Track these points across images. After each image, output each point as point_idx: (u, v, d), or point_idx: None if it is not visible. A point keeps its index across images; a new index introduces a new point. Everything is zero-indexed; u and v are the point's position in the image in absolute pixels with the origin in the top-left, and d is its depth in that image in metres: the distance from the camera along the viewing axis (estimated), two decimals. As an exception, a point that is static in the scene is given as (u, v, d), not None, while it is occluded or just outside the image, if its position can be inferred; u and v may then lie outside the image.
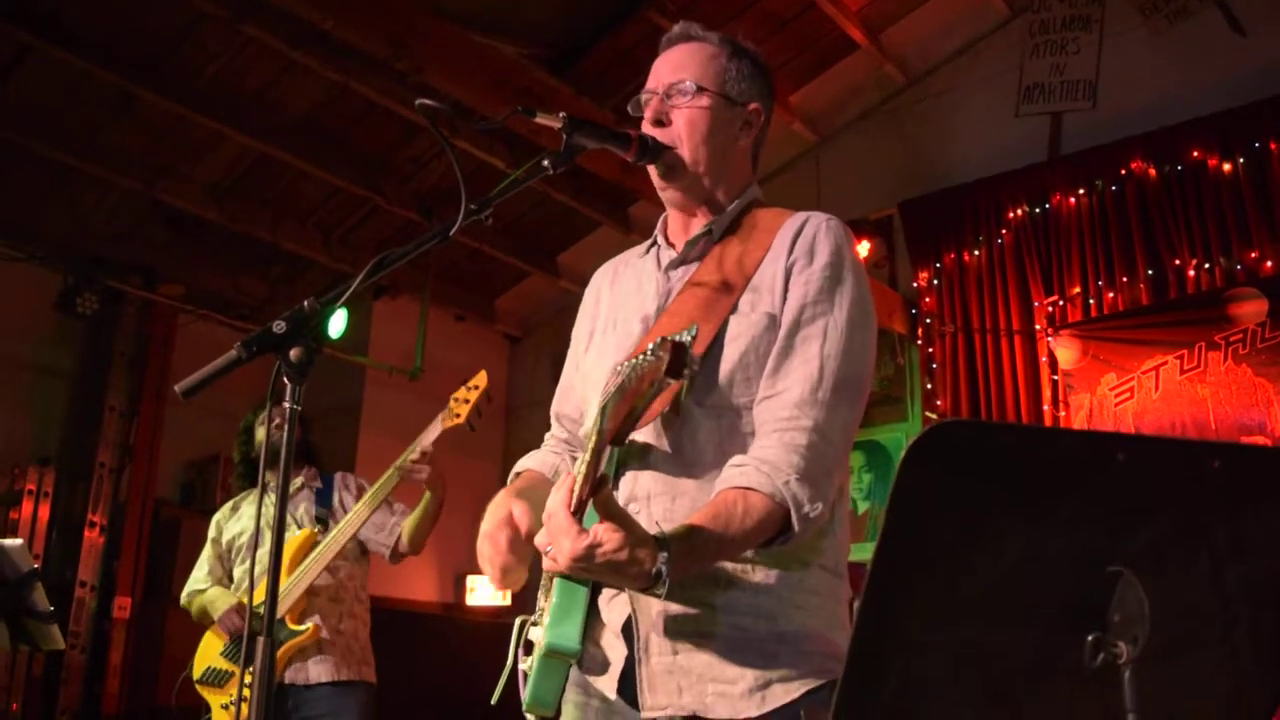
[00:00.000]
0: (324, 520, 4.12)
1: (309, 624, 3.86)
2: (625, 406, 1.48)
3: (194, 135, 6.33)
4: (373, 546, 4.14)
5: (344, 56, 5.68)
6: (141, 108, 6.09)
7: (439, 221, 7.37)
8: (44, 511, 6.53)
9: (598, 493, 1.48)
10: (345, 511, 4.14)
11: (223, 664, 4.07)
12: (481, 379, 4.01)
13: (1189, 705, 1.18)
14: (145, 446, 6.97)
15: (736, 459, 1.63)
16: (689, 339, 1.38)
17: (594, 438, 1.49)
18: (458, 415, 3.91)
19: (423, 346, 7.68)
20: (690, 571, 1.55)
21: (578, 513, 1.49)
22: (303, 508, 4.17)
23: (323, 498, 4.22)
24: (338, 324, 6.13)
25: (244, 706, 3.96)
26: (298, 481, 4.24)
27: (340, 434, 6.99)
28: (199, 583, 4.24)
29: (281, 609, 3.84)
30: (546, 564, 1.55)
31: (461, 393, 3.98)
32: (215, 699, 4.08)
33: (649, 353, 1.39)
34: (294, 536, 4.00)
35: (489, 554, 1.71)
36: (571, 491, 1.49)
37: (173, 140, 6.37)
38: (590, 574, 1.51)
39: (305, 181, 6.87)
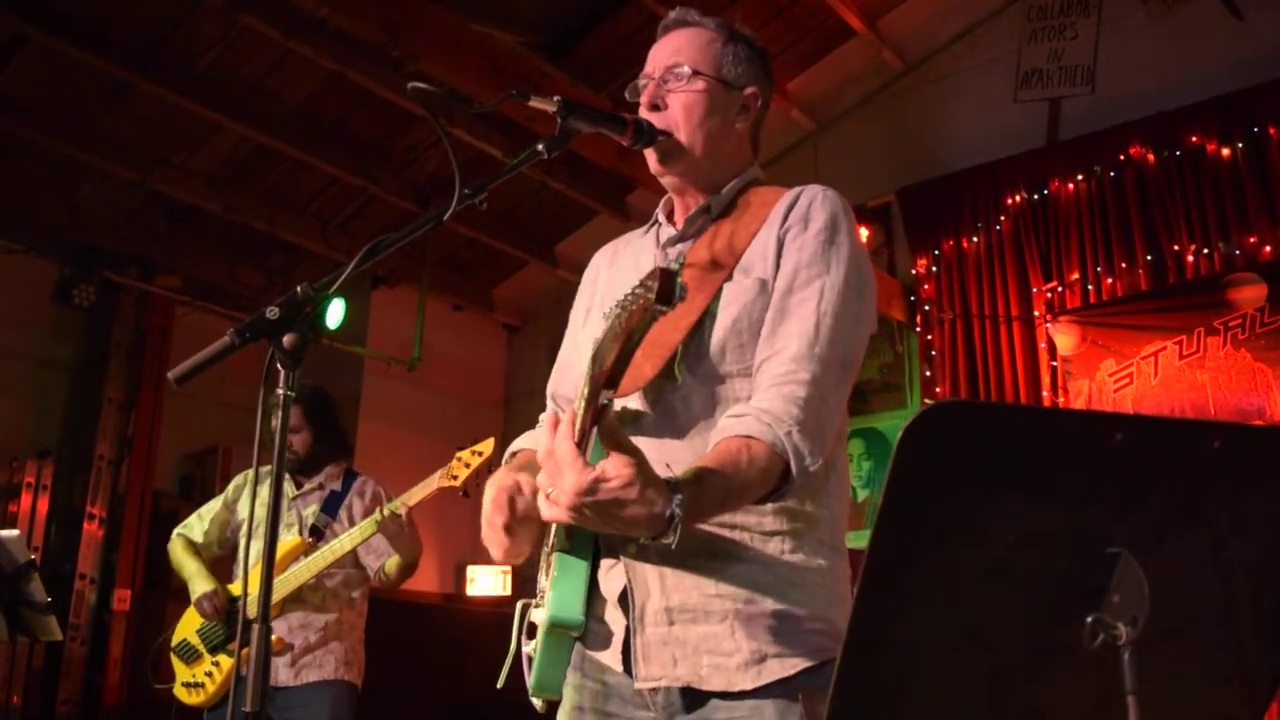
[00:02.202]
0: (320, 531, 4.06)
1: (274, 635, 3.82)
2: (617, 345, 1.42)
3: (190, 125, 6.32)
4: (363, 563, 4.13)
5: (340, 45, 5.67)
6: (137, 97, 6.08)
7: (436, 210, 7.39)
8: (43, 504, 6.53)
9: (602, 421, 1.40)
10: (349, 522, 4.09)
11: (196, 642, 4.08)
12: (487, 446, 3.91)
13: (1189, 686, 1.17)
14: (144, 438, 6.97)
15: (735, 409, 1.61)
16: (676, 266, 1.34)
17: (587, 385, 1.43)
18: (455, 477, 3.85)
19: (421, 336, 7.68)
20: (701, 519, 1.51)
21: (581, 443, 1.40)
22: (310, 510, 4.12)
23: (331, 503, 4.15)
24: (336, 314, 6.11)
25: (209, 685, 3.94)
26: (317, 480, 4.19)
27: (339, 424, 6.97)
28: (193, 531, 4.23)
29: (252, 611, 3.82)
30: (546, 509, 1.43)
31: (465, 455, 3.90)
32: (181, 673, 4.09)
33: (637, 287, 1.35)
34: (285, 541, 3.96)
35: (489, 536, 1.67)
36: (574, 422, 1.40)
37: (169, 130, 6.35)
38: (595, 514, 1.38)
39: (302, 171, 6.86)
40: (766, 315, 1.69)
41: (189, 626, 4.13)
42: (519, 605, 1.84)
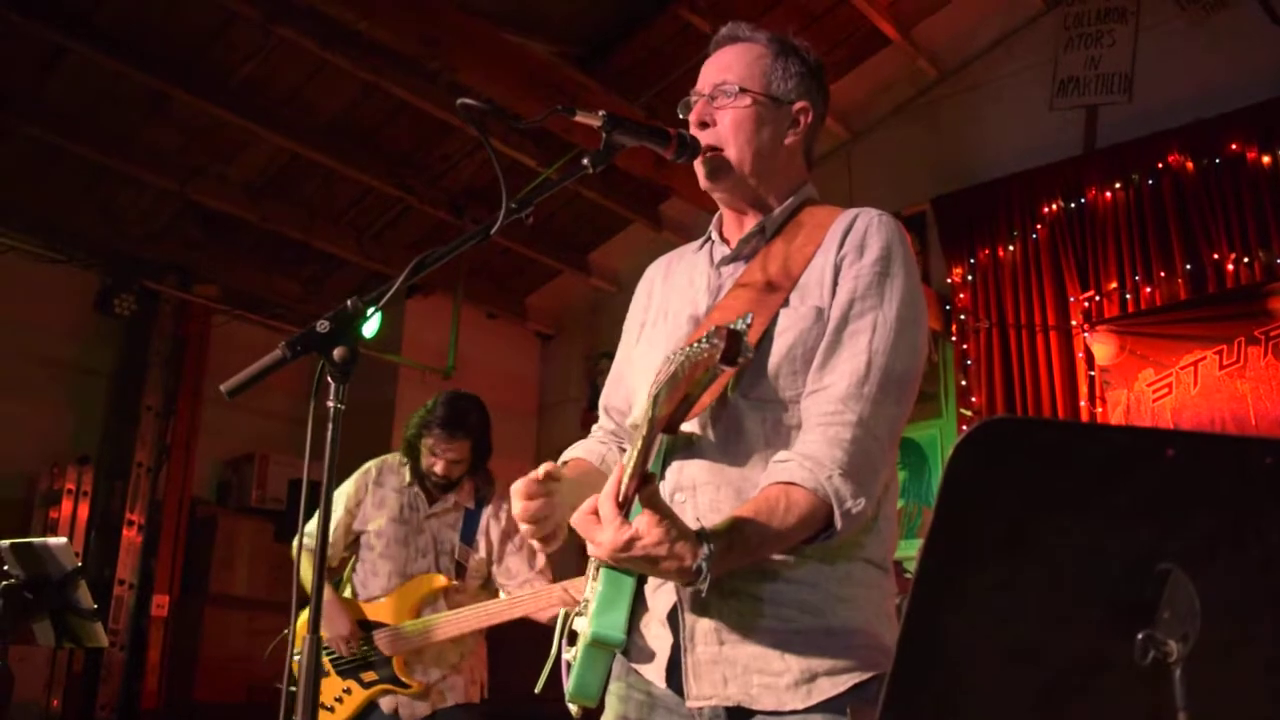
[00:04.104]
0: (463, 568, 3.87)
1: (416, 680, 3.75)
2: (679, 394, 1.49)
3: (227, 136, 6.39)
4: (498, 584, 3.96)
5: (376, 56, 5.71)
6: (175, 108, 6.16)
7: (471, 220, 7.41)
8: (83, 510, 6.62)
9: (644, 488, 1.49)
10: (485, 549, 3.91)
11: (324, 661, 3.83)
12: None
13: (1241, 704, 1.16)
14: (182, 445, 7.05)
15: (781, 455, 1.63)
16: (744, 327, 1.38)
17: (646, 426, 1.49)
18: None
19: (455, 345, 7.72)
20: (732, 567, 1.55)
21: (624, 505, 1.50)
22: (448, 535, 3.90)
23: (469, 527, 3.91)
24: (371, 323, 6.13)
25: (339, 710, 3.79)
26: (451, 499, 3.94)
27: (374, 433, 7.03)
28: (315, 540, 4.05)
29: (395, 649, 3.74)
30: (591, 550, 1.57)
31: None
32: None
33: (704, 340, 1.39)
34: (425, 578, 3.81)
35: (518, 489, 1.69)
36: (619, 483, 1.51)
37: (206, 141, 6.43)
38: (631, 566, 1.53)
39: (338, 181, 6.92)
40: (820, 345, 1.70)
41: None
42: (561, 611, 1.86)
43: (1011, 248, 6.31)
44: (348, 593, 3.95)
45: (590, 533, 1.53)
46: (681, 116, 1.91)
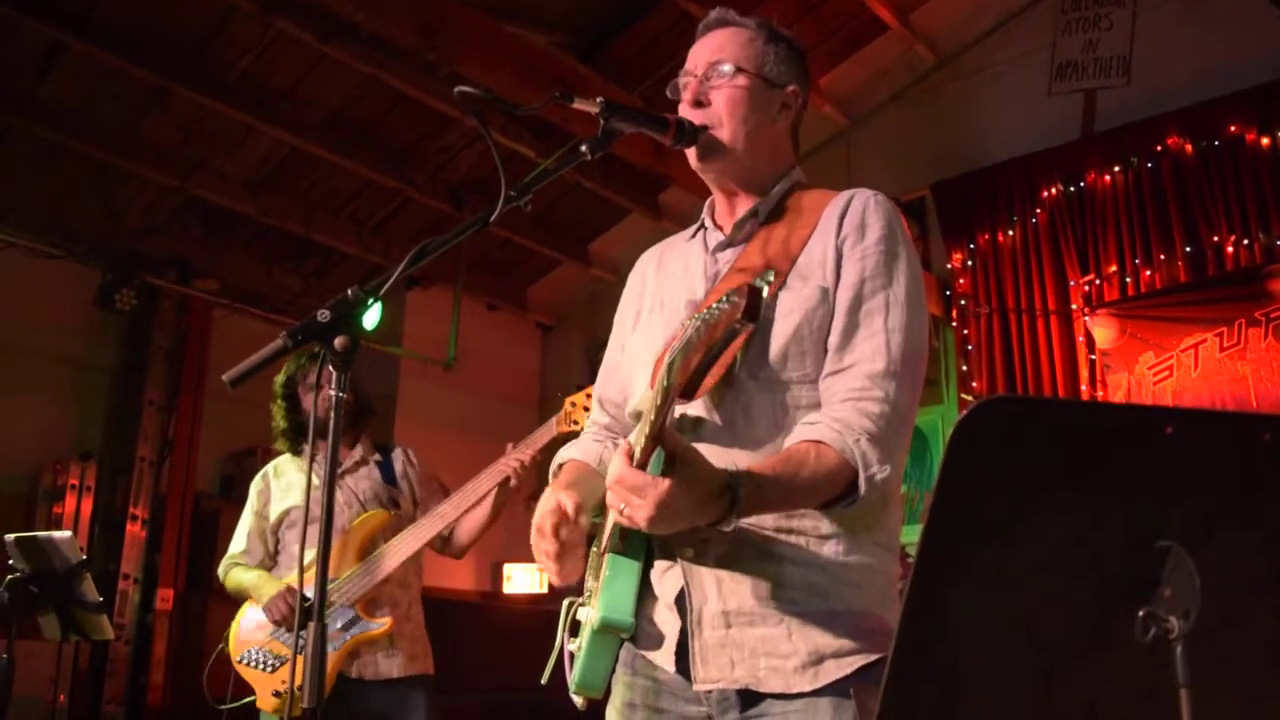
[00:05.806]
0: (395, 501, 3.85)
1: (384, 618, 3.62)
2: (695, 357, 1.45)
3: (227, 130, 6.39)
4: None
5: (374, 48, 5.71)
6: (175, 103, 6.16)
7: (470, 212, 7.41)
8: (86, 505, 6.64)
9: (661, 441, 1.46)
10: (410, 491, 3.91)
11: (280, 649, 3.71)
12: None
13: (1243, 680, 1.17)
14: (184, 440, 7.06)
15: (811, 416, 1.64)
16: (763, 285, 1.38)
17: (660, 395, 1.45)
18: (575, 422, 3.63)
19: (456, 336, 7.72)
20: (761, 512, 1.56)
21: (643, 467, 1.48)
22: (366, 485, 3.86)
23: (385, 472, 3.92)
24: (372, 316, 6.16)
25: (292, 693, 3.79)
26: (357, 454, 3.93)
27: (376, 425, 7.03)
28: (237, 558, 3.95)
29: (352, 595, 3.61)
30: (625, 521, 1.51)
31: (579, 398, 3.68)
32: (265, 684, 3.70)
33: (723, 300, 1.38)
34: (366, 516, 3.74)
35: (540, 544, 1.68)
36: (630, 455, 1.47)
37: (206, 135, 6.43)
38: (673, 522, 1.47)
39: (337, 174, 6.92)
40: (833, 326, 1.70)
41: (254, 636, 3.77)
42: (565, 602, 1.85)
43: (1011, 232, 6.31)
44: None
45: (628, 501, 1.46)
46: (671, 97, 1.91)
